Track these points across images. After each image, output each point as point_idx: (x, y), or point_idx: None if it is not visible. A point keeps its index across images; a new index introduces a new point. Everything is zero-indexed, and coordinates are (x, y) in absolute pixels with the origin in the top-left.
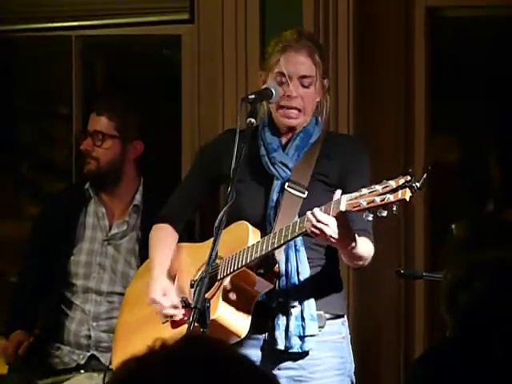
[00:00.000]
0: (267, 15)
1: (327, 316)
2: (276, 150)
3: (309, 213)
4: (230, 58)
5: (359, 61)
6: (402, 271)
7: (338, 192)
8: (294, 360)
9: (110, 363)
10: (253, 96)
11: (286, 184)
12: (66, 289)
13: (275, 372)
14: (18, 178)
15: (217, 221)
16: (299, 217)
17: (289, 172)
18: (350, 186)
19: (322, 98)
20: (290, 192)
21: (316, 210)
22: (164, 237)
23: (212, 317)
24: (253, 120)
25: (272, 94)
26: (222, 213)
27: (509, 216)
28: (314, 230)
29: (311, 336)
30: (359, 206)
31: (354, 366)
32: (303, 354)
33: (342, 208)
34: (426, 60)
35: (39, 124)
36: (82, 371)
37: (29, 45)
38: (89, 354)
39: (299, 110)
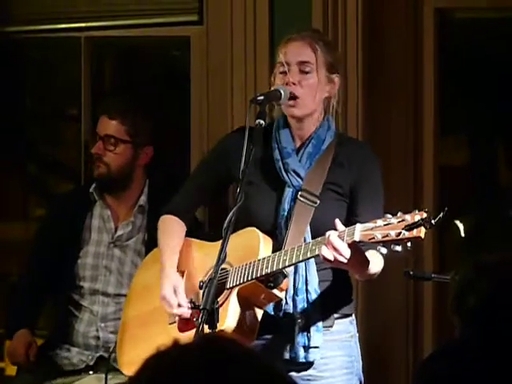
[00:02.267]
0: (276, 16)
1: (335, 315)
2: (290, 154)
3: (326, 237)
4: (239, 59)
5: (368, 62)
6: (411, 272)
7: (337, 223)
8: (299, 371)
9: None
10: (261, 97)
11: (299, 193)
12: (73, 291)
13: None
14: (26, 179)
15: (226, 222)
16: (311, 226)
17: (301, 181)
18: (361, 198)
19: (330, 94)
20: (301, 201)
21: (332, 237)
22: (173, 228)
23: (220, 327)
24: (261, 121)
25: (281, 95)
26: (230, 214)
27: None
28: (327, 256)
29: (316, 347)
30: (374, 238)
31: (361, 364)
32: (308, 365)
33: (357, 238)
34: (435, 61)
35: (48, 125)
36: (91, 372)
37: (38, 46)
38: (97, 354)
39: (297, 98)
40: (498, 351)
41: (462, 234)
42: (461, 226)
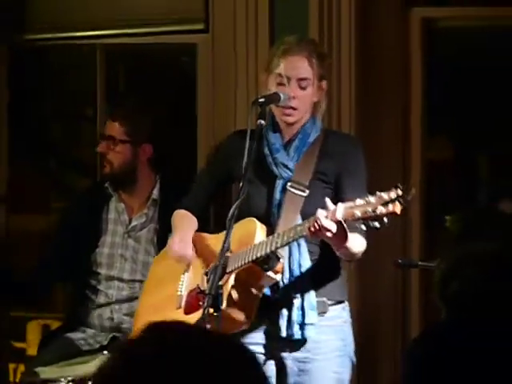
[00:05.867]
0: (276, 25)
1: (329, 302)
2: (278, 149)
3: (312, 218)
4: (242, 64)
5: (360, 67)
6: (400, 261)
7: (328, 202)
8: (295, 346)
9: None
10: (262, 99)
11: (288, 184)
12: (90, 277)
13: (282, 354)
14: (47, 175)
15: (229, 214)
16: (301, 214)
17: (290, 173)
18: (346, 186)
19: (319, 99)
20: (291, 191)
21: (320, 217)
22: (185, 218)
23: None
24: (262, 121)
25: (280, 97)
26: (233, 207)
27: (500, 208)
28: (315, 233)
29: (311, 324)
30: (354, 215)
31: (353, 347)
32: (303, 341)
33: (339, 216)
34: (423, 65)
35: (67, 125)
36: (105, 352)
37: (57, 52)
38: (111, 335)
39: (295, 109)
40: (480, 333)
41: (452, 228)
42: (452, 220)
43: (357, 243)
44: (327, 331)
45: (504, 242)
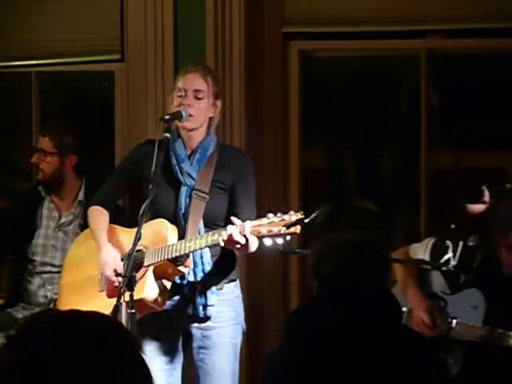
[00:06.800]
0: (179, 56)
1: (225, 281)
2: (184, 159)
3: (228, 232)
4: (151, 88)
5: (248, 90)
6: (281, 248)
7: (234, 219)
8: (200, 322)
9: None
10: (168, 116)
11: (193, 192)
12: (27, 263)
13: (189, 325)
14: None
15: (141, 210)
16: (204, 217)
17: (193, 181)
18: (238, 192)
19: (214, 115)
20: (195, 198)
21: (233, 232)
22: (100, 216)
23: (140, 296)
24: (168, 135)
25: (182, 115)
26: (144, 205)
27: (361, 204)
28: (227, 245)
29: (212, 306)
30: (260, 232)
31: (243, 316)
32: (206, 319)
33: (247, 233)
34: (300, 89)
35: (8, 138)
36: None
37: (1, 77)
38: (45, 310)
39: (191, 116)
40: (346, 306)
41: (320, 219)
42: (319, 212)
43: (253, 245)
44: (224, 304)
45: (361, 231)
